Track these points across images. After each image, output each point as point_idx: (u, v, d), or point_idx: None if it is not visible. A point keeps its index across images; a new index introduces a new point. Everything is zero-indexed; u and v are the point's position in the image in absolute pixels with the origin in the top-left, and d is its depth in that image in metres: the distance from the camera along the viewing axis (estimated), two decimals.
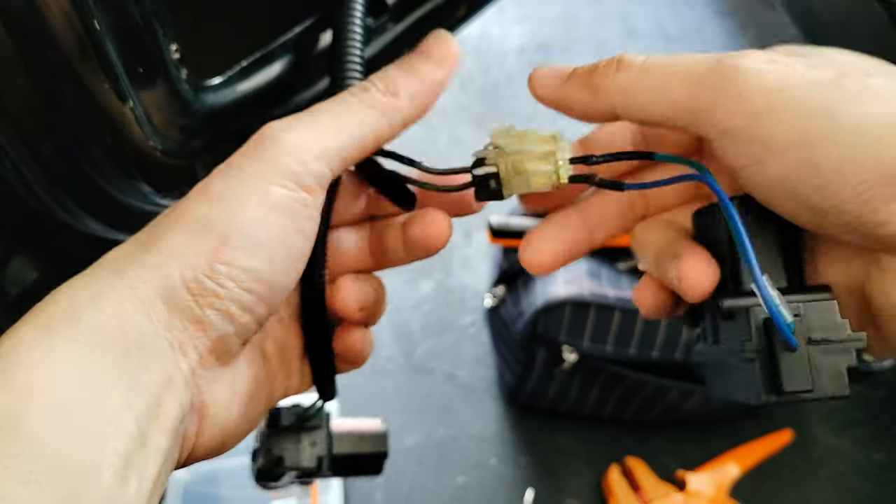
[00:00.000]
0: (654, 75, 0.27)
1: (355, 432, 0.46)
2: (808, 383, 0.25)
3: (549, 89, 0.31)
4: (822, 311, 0.26)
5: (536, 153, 0.30)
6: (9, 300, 0.34)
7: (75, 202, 0.32)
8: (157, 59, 0.29)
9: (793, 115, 0.24)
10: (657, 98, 0.27)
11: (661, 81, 0.27)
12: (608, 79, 0.29)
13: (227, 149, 0.35)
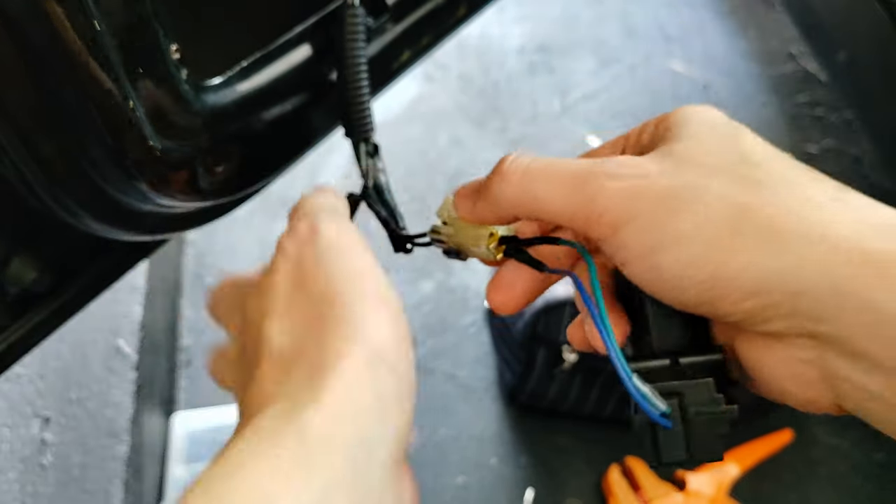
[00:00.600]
0: (533, 185, 0.29)
1: None
2: (683, 455, 0.28)
3: (466, 211, 0.33)
4: (700, 390, 0.28)
5: (471, 237, 0.34)
6: (9, 300, 0.34)
7: (75, 202, 0.32)
8: (157, 59, 0.29)
9: (640, 226, 0.26)
10: (540, 205, 0.29)
11: (541, 190, 0.29)
12: (497, 192, 0.30)
13: (228, 149, 0.36)
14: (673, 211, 0.25)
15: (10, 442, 0.60)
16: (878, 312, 0.23)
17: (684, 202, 0.25)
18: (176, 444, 0.92)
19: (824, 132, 1.37)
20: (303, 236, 0.32)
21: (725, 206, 0.25)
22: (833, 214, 0.24)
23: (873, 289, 0.23)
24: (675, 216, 0.25)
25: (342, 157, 1.29)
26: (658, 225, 0.26)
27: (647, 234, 0.26)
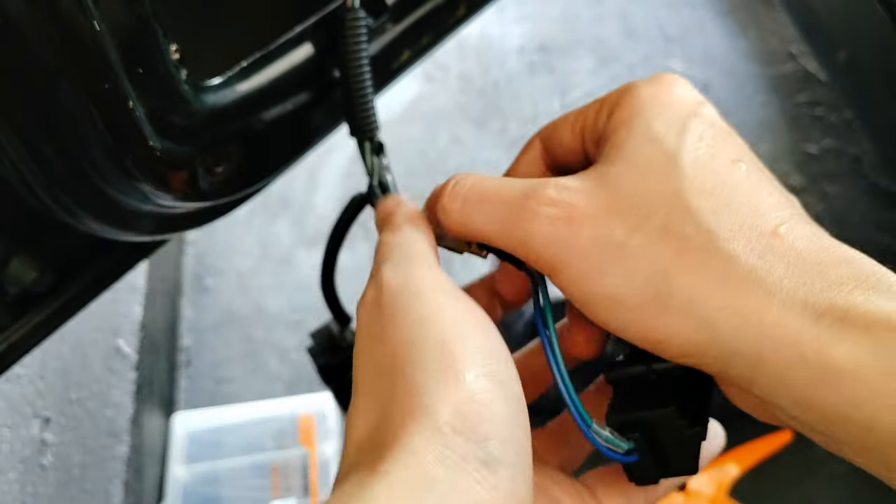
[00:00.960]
0: (472, 218, 0.29)
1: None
2: (656, 478, 0.28)
3: (432, 225, 0.33)
4: (664, 418, 0.27)
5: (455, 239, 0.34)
6: (9, 300, 0.34)
7: (75, 202, 0.32)
8: (157, 60, 0.29)
9: (570, 278, 0.26)
10: (483, 237, 0.29)
11: (479, 224, 0.29)
12: (441, 220, 0.31)
13: (228, 149, 0.35)
14: (598, 269, 0.25)
15: (10, 442, 0.60)
16: (803, 387, 0.22)
17: (608, 261, 0.25)
18: (176, 444, 0.92)
19: (824, 132, 1.37)
20: (371, 290, 0.29)
21: (647, 269, 0.25)
22: (751, 283, 0.23)
23: (791, 366, 0.22)
24: (599, 276, 0.25)
25: (342, 157, 1.29)
26: (585, 281, 0.26)
27: (576, 287, 0.26)
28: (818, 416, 0.23)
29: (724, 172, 0.26)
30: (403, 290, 0.27)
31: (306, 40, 0.38)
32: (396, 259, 0.29)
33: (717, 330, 0.24)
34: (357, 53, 0.37)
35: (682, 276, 0.24)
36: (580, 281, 0.26)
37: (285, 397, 1.00)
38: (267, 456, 0.92)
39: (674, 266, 0.24)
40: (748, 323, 0.23)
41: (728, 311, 0.23)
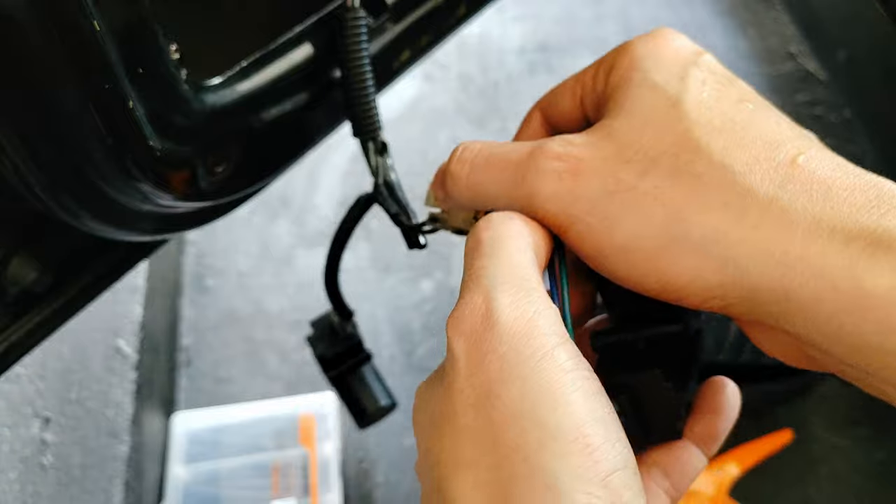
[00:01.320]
0: (480, 182, 0.28)
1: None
2: (640, 446, 0.28)
3: (439, 201, 0.32)
4: (650, 380, 0.27)
5: (461, 219, 0.34)
6: (9, 300, 0.34)
7: (75, 202, 0.32)
8: (157, 59, 0.29)
9: (580, 233, 0.25)
10: (492, 203, 0.28)
11: (487, 187, 0.28)
12: (450, 189, 0.30)
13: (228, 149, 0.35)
14: (609, 220, 0.25)
15: (11, 442, 0.60)
16: (833, 317, 0.22)
17: (619, 210, 0.24)
18: (176, 444, 0.92)
19: (824, 131, 1.37)
20: (476, 320, 0.24)
21: (661, 212, 0.24)
22: (772, 214, 0.23)
23: (821, 296, 0.22)
24: (611, 227, 0.24)
25: (342, 157, 1.29)
26: (596, 234, 0.25)
27: (588, 242, 0.25)
28: (849, 349, 0.22)
29: (732, 111, 0.25)
30: (526, 342, 0.22)
31: (306, 40, 0.38)
32: (511, 287, 0.24)
33: (740, 267, 0.22)
34: (358, 54, 0.37)
35: (697, 214, 0.23)
36: (592, 235, 0.25)
37: (285, 397, 1.00)
38: (267, 456, 0.92)
39: (688, 205, 0.23)
40: (771, 256, 0.22)
41: (749, 245, 0.22)
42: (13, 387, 0.62)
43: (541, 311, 0.23)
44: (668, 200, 0.24)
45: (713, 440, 0.30)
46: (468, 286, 0.25)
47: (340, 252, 0.44)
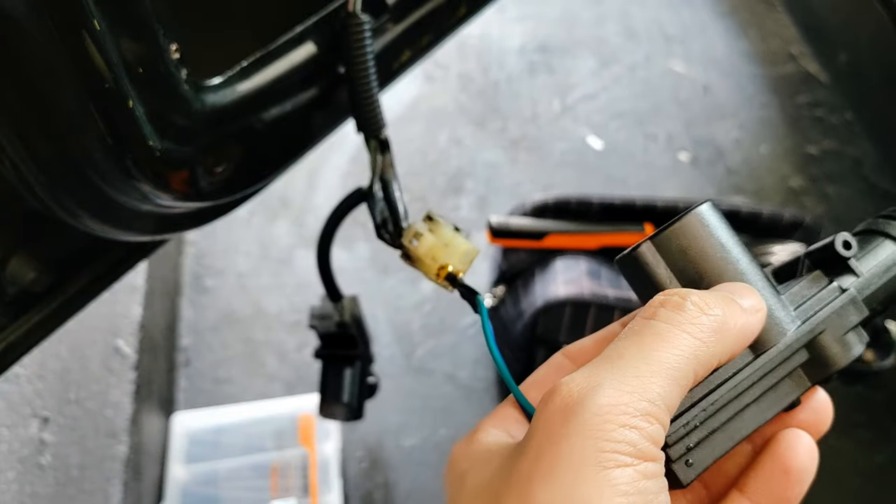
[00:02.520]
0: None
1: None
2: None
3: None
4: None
5: (426, 265, 0.37)
6: (8, 300, 0.34)
7: (75, 202, 0.32)
8: (157, 59, 0.29)
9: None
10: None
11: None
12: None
13: (228, 149, 0.35)
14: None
15: (9, 442, 0.60)
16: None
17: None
18: (175, 444, 0.92)
19: (825, 133, 1.37)
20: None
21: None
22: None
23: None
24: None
25: (342, 157, 1.29)
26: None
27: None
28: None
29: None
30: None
31: (306, 40, 0.38)
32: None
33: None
34: (362, 57, 0.38)
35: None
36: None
37: (285, 397, 1.00)
38: (267, 456, 0.92)
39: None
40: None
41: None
42: (12, 387, 0.62)
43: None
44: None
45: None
46: (594, 362, 0.25)
47: (331, 237, 0.47)
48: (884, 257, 0.29)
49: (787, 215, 0.95)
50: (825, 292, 0.28)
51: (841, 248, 0.29)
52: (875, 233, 0.30)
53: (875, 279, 0.29)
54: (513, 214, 0.95)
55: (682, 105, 1.43)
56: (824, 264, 0.29)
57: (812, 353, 0.28)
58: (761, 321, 0.27)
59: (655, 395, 0.23)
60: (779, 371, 0.27)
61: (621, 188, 1.28)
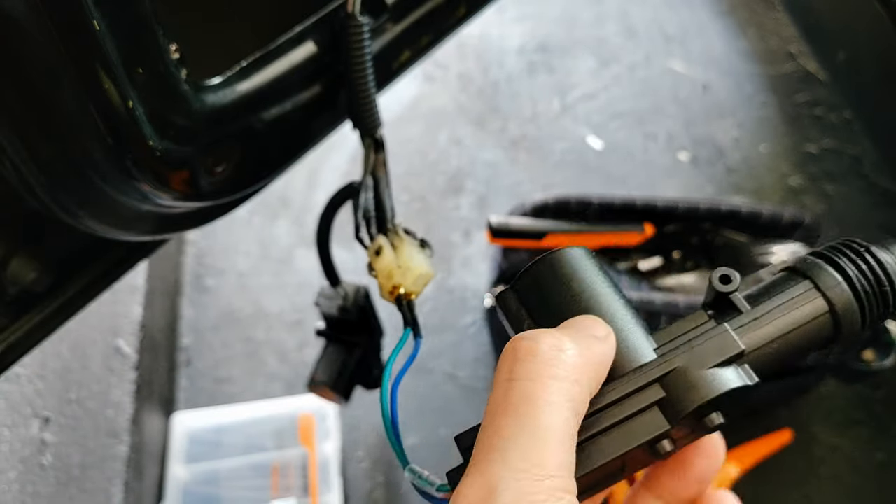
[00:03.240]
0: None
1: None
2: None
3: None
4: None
5: (383, 279, 0.39)
6: (8, 300, 0.34)
7: (75, 202, 0.32)
8: (157, 59, 0.29)
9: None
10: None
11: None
12: None
13: (228, 149, 0.36)
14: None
15: (10, 442, 0.60)
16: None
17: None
18: (176, 444, 0.92)
19: (824, 132, 1.37)
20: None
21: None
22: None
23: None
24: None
25: (341, 157, 1.29)
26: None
27: None
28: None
29: None
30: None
31: (306, 40, 0.38)
32: (522, 479, 0.22)
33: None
34: (360, 58, 0.38)
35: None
36: None
37: (285, 397, 1.00)
38: (267, 456, 0.92)
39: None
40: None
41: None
42: (13, 387, 0.62)
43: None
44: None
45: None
46: (478, 460, 0.23)
47: (330, 220, 0.48)
48: (789, 295, 0.27)
49: (787, 215, 0.95)
50: (699, 328, 0.27)
51: (718, 283, 0.28)
52: (794, 270, 0.29)
53: (767, 316, 0.27)
54: (513, 214, 0.95)
55: (682, 104, 1.43)
56: (712, 300, 0.28)
57: (666, 388, 0.26)
58: (614, 347, 0.26)
59: (553, 467, 0.22)
60: (633, 402, 0.26)
61: (621, 188, 1.28)
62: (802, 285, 0.27)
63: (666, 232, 0.97)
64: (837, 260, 0.28)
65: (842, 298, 0.27)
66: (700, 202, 0.95)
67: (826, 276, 0.27)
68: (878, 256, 0.27)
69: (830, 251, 0.28)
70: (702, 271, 0.95)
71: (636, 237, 0.94)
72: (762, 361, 0.27)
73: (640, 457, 0.27)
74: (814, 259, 0.28)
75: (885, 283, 0.27)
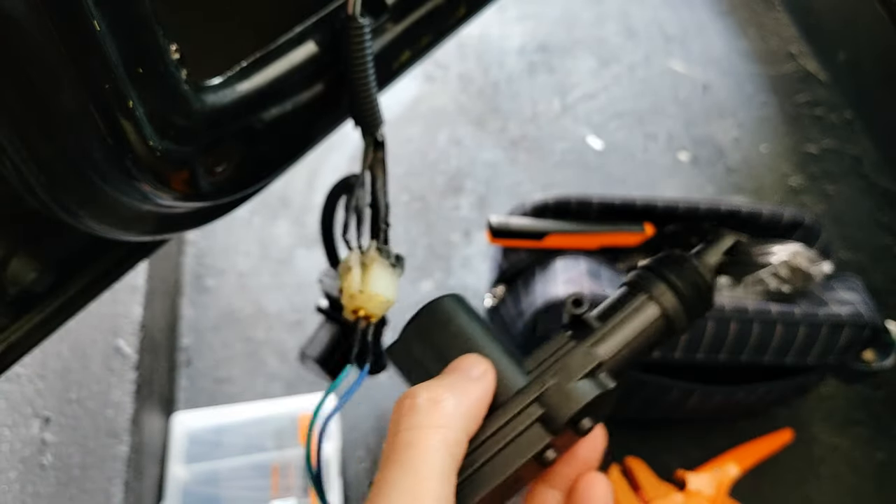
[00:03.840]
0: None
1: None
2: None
3: None
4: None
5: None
6: (9, 300, 0.34)
7: (75, 202, 0.32)
8: (157, 60, 0.29)
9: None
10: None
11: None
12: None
13: (228, 149, 0.35)
14: None
15: (10, 442, 0.60)
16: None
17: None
18: (176, 444, 0.92)
19: (824, 132, 1.37)
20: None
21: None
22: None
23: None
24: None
25: (341, 157, 1.29)
26: None
27: None
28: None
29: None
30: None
31: (306, 40, 0.38)
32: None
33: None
34: (361, 59, 0.39)
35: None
36: None
37: (285, 397, 1.00)
38: (267, 456, 0.92)
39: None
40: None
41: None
42: (13, 387, 0.62)
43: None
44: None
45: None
46: (371, 498, 0.27)
47: (333, 206, 0.49)
48: (630, 307, 0.32)
49: (787, 215, 0.95)
50: (562, 348, 0.31)
51: (571, 307, 0.32)
52: (632, 286, 0.33)
53: (615, 328, 0.32)
54: (513, 214, 0.95)
55: (682, 104, 1.43)
56: (569, 322, 0.33)
57: (543, 405, 0.30)
58: (492, 382, 0.30)
59: (431, 500, 0.26)
60: (516, 423, 0.30)
61: (621, 188, 1.28)
62: (639, 298, 0.33)
63: (666, 232, 0.97)
64: (664, 271, 0.33)
65: (671, 303, 0.32)
66: (700, 202, 0.95)
67: (656, 287, 0.33)
68: (692, 263, 0.33)
69: (658, 264, 0.34)
70: None
71: (636, 237, 0.94)
72: (617, 366, 0.32)
73: (532, 468, 0.30)
74: (646, 273, 0.34)
75: (700, 285, 0.33)
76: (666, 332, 0.33)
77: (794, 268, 0.89)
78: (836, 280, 0.95)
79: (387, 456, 0.27)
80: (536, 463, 0.30)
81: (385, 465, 0.27)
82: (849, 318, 0.87)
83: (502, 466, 0.29)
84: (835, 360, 0.90)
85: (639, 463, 0.96)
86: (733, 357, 0.88)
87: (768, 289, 0.90)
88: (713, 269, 0.35)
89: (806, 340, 0.87)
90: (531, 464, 0.30)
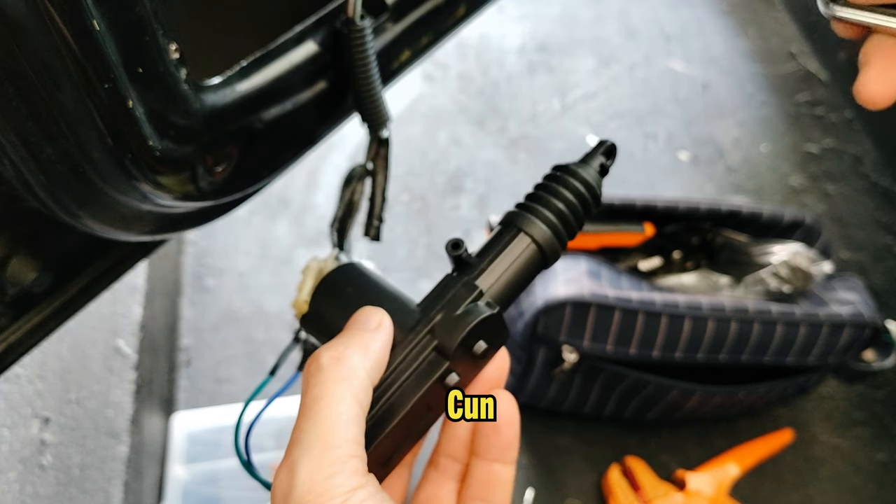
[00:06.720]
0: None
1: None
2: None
3: None
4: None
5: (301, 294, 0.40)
6: (8, 300, 0.34)
7: (75, 202, 0.32)
8: (156, 59, 0.29)
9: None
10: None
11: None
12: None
13: (228, 149, 0.35)
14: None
15: (10, 442, 0.60)
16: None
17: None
18: (176, 444, 0.92)
19: (824, 131, 1.37)
20: (279, 497, 0.30)
21: None
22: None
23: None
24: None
25: (342, 157, 1.29)
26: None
27: None
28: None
29: None
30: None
31: (306, 40, 0.38)
32: (315, 459, 0.29)
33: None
34: (364, 60, 0.39)
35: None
36: None
37: (285, 397, 1.00)
38: (267, 456, 0.92)
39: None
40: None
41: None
42: (12, 387, 0.62)
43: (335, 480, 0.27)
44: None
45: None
46: (286, 453, 0.29)
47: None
48: (504, 242, 0.35)
49: (788, 215, 0.95)
50: (448, 286, 0.34)
51: (451, 250, 0.35)
52: (504, 224, 0.36)
53: (492, 261, 0.35)
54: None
55: (682, 104, 1.43)
56: (453, 264, 0.36)
57: (435, 336, 0.33)
58: (388, 328, 0.33)
59: (340, 441, 0.28)
60: (414, 356, 0.33)
61: (621, 188, 1.28)
62: (512, 232, 0.35)
63: (666, 232, 0.97)
64: (532, 205, 0.36)
65: (541, 232, 0.35)
66: (700, 202, 0.95)
67: (525, 220, 0.35)
68: (561, 194, 0.36)
69: (528, 199, 0.36)
70: (702, 271, 0.95)
71: (636, 237, 0.94)
72: (499, 293, 0.35)
73: (437, 395, 0.33)
74: (517, 210, 0.36)
75: (566, 214, 0.36)
76: (540, 260, 0.36)
77: (795, 268, 0.89)
78: (836, 280, 0.95)
79: (300, 413, 0.29)
80: (440, 386, 0.33)
81: (298, 419, 0.29)
82: (849, 318, 0.87)
83: (407, 397, 0.32)
84: (835, 359, 0.90)
85: (639, 463, 0.96)
86: (734, 357, 0.88)
87: (768, 289, 0.90)
88: (594, 178, 0.38)
89: (806, 340, 0.87)
90: (435, 388, 0.32)
